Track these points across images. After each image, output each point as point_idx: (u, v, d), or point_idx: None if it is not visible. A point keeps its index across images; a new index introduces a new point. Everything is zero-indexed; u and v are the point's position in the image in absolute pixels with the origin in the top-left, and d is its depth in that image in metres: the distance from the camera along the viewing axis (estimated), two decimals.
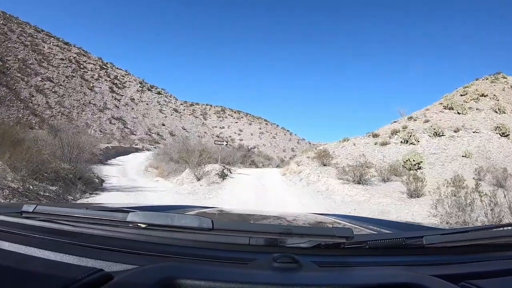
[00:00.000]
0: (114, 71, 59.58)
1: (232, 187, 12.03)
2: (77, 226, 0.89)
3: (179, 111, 61.78)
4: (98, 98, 48.76)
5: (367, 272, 0.81)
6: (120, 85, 56.19)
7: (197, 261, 0.79)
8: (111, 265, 0.73)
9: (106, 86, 52.79)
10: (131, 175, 15.98)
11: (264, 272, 0.73)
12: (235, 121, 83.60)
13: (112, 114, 47.65)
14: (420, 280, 0.71)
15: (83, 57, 56.30)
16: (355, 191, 9.91)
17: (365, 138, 20.68)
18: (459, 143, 18.59)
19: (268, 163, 32.52)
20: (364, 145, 19.15)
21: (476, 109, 25.67)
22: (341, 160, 16.59)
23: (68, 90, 45.36)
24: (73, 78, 48.46)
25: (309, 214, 2.28)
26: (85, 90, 48.34)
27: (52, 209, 0.98)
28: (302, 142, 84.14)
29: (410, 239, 0.91)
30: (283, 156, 60.79)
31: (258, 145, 70.30)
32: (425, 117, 24.80)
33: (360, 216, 3.43)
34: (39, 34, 51.77)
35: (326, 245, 0.86)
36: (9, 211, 1.02)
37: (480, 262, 0.90)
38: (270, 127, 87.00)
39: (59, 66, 48.30)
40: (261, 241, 0.87)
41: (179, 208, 1.99)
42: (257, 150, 56.66)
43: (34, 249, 0.78)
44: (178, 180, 12.56)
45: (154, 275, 0.66)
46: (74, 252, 0.78)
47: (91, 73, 53.35)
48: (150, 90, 61.29)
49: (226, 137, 68.71)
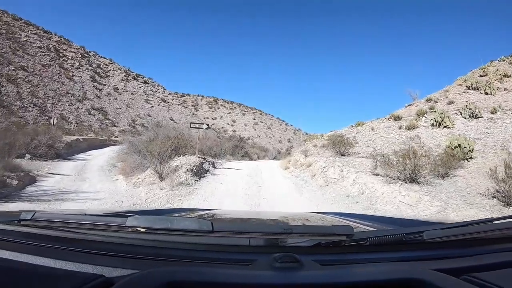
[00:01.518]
0: (97, 60, 55.86)
1: (209, 192, 8.27)
2: (76, 233, 0.90)
3: (167, 101, 57.83)
4: (77, 88, 45.32)
5: (369, 269, 0.81)
6: (103, 74, 52.73)
7: (198, 263, 0.79)
8: (112, 271, 0.73)
9: (87, 75, 49.34)
10: (88, 173, 12.14)
11: (266, 273, 0.73)
12: (227, 112, 79.82)
13: (92, 104, 44.03)
14: (422, 274, 0.71)
15: (63, 46, 52.92)
16: (412, 195, 6.23)
17: (384, 121, 17.01)
18: (501, 126, 14.99)
19: (264, 154, 29.10)
20: (385, 130, 15.49)
21: (504, 89, 22.30)
22: (360, 149, 12.88)
23: (43, 80, 41.99)
24: (50, 67, 45.01)
25: (308, 213, 2.35)
26: (63, 79, 45.13)
27: (51, 216, 0.98)
28: (299, 133, 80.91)
29: (411, 235, 0.91)
30: (279, 148, 57.76)
31: (253, 136, 67.02)
32: (446, 98, 21.41)
33: (359, 213, 3.39)
34: (16, 22, 48.51)
35: (326, 244, 0.87)
36: (7, 220, 1.01)
37: (481, 255, 0.90)
38: (265, 117, 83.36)
39: (35, 54, 45.02)
40: (262, 242, 0.89)
41: (178, 211, 2.13)
42: (252, 141, 53.35)
43: (34, 257, 0.78)
44: (139, 180, 8.77)
45: (155, 280, 0.66)
46: (74, 258, 0.78)
47: (71, 62, 49.92)
48: (136, 79, 57.24)
49: (219, 128, 65.20)
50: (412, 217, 5.60)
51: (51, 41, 51.08)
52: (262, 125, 77.59)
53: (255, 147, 36.29)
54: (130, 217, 0.85)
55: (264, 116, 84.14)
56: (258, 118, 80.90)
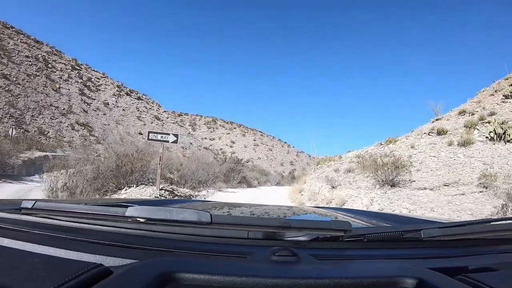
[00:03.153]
0: (88, 73, 52.65)
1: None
2: (76, 222, 0.92)
3: (161, 119, 54.10)
4: (63, 101, 41.98)
5: (365, 265, 0.81)
6: (93, 88, 49.30)
7: (196, 255, 0.80)
8: (111, 260, 0.73)
9: (75, 88, 46.02)
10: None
11: (262, 265, 0.73)
12: (227, 132, 76.04)
13: (77, 119, 40.45)
14: (418, 273, 0.71)
15: (53, 56, 50.03)
16: None
17: (423, 136, 13.09)
18: None
19: (266, 179, 24.81)
20: (431, 148, 11.51)
21: None
22: (412, 176, 8.67)
23: (26, 90, 38.98)
24: (36, 77, 41.93)
25: (308, 207, 2.36)
26: (49, 91, 42.02)
27: (51, 205, 0.98)
28: (302, 155, 76.86)
29: (408, 232, 0.92)
30: (281, 171, 53.69)
31: (253, 158, 63.18)
32: (484, 109, 17.86)
33: (358, 209, 3.30)
34: (7, 30, 45.82)
35: (324, 238, 0.87)
36: (8, 208, 1.03)
37: (477, 256, 0.90)
38: (266, 138, 79.67)
39: (21, 63, 41.93)
40: (260, 235, 0.89)
41: (177, 202, 2.06)
42: (252, 164, 49.15)
43: (34, 245, 0.78)
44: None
45: (153, 269, 0.66)
46: (73, 247, 0.78)
47: (60, 73, 46.86)
48: (129, 95, 53.71)
49: (217, 149, 61.24)
50: None
51: (41, 51, 48.10)
52: (263, 146, 74.14)
53: (255, 170, 32.21)
54: (130, 207, 0.86)
55: (265, 137, 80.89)
56: (259, 139, 77.64)
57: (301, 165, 69.85)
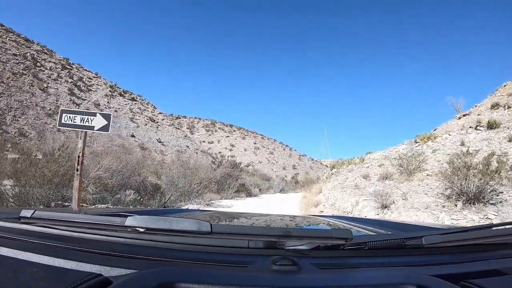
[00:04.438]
0: (80, 73, 50.14)
1: None
2: (75, 231, 0.90)
3: (156, 121, 51.33)
4: (50, 101, 39.46)
5: (367, 273, 0.79)
6: (84, 88, 46.87)
7: (196, 265, 0.79)
8: (110, 270, 0.72)
9: (65, 88, 43.66)
10: None
11: (263, 275, 0.73)
12: (226, 135, 73.25)
13: None
14: (420, 280, 0.70)
15: (43, 55, 47.79)
16: None
17: (470, 131, 10.22)
18: None
19: (268, 185, 21.99)
20: (487, 144, 8.64)
21: None
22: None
23: (10, 89, 36.41)
24: (22, 76, 39.51)
25: (307, 216, 2.34)
26: (35, 90, 39.56)
27: (50, 214, 0.96)
28: (304, 158, 74.00)
29: (410, 240, 0.91)
30: (283, 175, 50.83)
31: (253, 162, 60.34)
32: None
33: (360, 217, 3.28)
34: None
35: (325, 247, 0.87)
36: (7, 217, 1.02)
37: (480, 261, 0.89)
38: (267, 141, 76.89)
39: (8, 61, 39.76)
40: (260, 244, 0.88)
41: (177, 212, 2.00)
42: (252, 168, 46.30)
43: (33, 255, 0.77)
44: None
45: (153, 280, 0.66)
46: (73, 257, 0.77)
47: (49, 72, 44.57)
48: (123, 95, 51.06)
49: (215, 153, 58.34)
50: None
51: (30, 49, 46.17)
52: (263, 150, 71.48)
53: (255, 175, 29.46)
54: (129, 217, 0.86)
55: (266, 140, 78.17)
56: (260, 142, 75.01)
57: (304, 169, 67.02)
